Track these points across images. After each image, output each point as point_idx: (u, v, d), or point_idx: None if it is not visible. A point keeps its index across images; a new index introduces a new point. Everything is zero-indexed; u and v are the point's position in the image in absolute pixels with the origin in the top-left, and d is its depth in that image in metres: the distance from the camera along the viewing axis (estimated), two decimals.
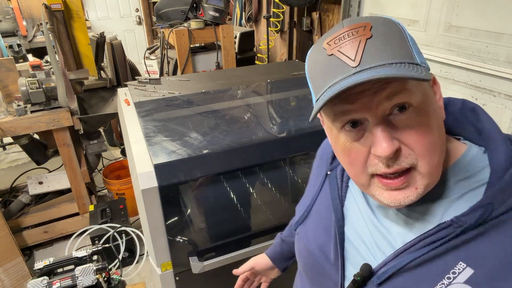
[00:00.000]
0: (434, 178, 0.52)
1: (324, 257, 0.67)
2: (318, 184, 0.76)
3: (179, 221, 1.31)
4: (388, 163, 0.50)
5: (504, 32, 1.69)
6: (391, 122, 0.50)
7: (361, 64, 0.47)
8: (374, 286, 0.57)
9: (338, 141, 0.55)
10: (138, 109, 1.62)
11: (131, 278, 2.28)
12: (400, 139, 0.50)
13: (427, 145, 0.50)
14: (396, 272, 0.54)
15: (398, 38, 0.50)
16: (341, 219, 0.66)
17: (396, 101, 0.49)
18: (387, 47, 0.48)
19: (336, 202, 0.68)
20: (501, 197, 0.49)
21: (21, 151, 3.09)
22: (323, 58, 0.52)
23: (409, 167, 0.51)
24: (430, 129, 0.50)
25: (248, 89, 1.95)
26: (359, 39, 0.49)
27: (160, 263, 1.33)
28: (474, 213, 0.49)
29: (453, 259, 0.50)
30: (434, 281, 0.51)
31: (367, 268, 0.57)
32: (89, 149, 2.54)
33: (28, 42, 2.97)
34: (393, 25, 0.51)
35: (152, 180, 1.19)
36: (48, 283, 1.05)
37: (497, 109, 1.80)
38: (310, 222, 0.74)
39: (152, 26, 5.70)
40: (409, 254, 0.54)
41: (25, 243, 2.44)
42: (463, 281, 0.49)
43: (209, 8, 2.72)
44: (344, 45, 0.49)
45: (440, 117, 0.54)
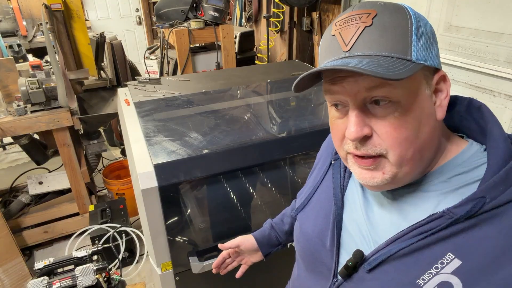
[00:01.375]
0: (406, 170, 0.54)
1: (321, 243, 0.69)
2: (321, 173, 0.77)
3: (179, 221, 1.31)
4: (356, 146, 0.54)
5: (504, 32, 1.69)
6: (369, 110, 0.53)
7: (351, 50, 0.51)
8: (365, 272, 0.59)
9: (330, 113, 0.61)
10: (138, 109, 1.62)
11: (131, 278, 2.28)
12: (374, 128, 0.53)
13: (399, 139, 0.52)
14: (386, 260, 0.56)
15: (400, 30, 0.50)
16: (341, 207, 0.68)
17: (375, 93, 0.51)
18: (381, 38, 0.50)
19: (337, 190, 0.69)
20: (494, 192, 0.50)
21: (21, 151, 3.09)
22: (328, 37, 0.55)
23: (377, 155, 0.54)
24: (406, 125, 0.52)
25: (248, 89, 1.95)
26: (358, 25, 0.51)
27: (160, 263, 1.33)
28: (466, 205, 0.50)
29: (442, 250, 0.52)
30: (422, 270, 0.52)
31: (359, 254, 0.60)
32: (89, 149, 2.54)
33: (28, 42, 2.97)
34: (402, 15, 0.51)
35: (152, 180, 1.19)
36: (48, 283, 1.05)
37: (497, 109, 1.80)
38: (310, 209, 0.76)
39: (152, 26, 5.70)
40: (399, 242, 0.55)
41: (25, 243, 2.44)
42: (450, 272, 0.50)
43: (209, 8, 2.72)
44: (346, 29, 0.52)
45: (433, 116, 0.55)
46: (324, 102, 1.76)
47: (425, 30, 0.52)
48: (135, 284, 1.36)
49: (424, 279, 0.52)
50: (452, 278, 0.50)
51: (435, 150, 0.57)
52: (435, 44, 0.54)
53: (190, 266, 1.33)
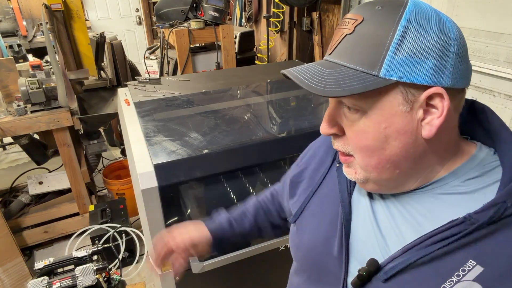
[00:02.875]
0: (375, 176, 0.56)
1: (327, 251, 0.66)
2: (319, 174, 0.74)
3: (179, 221, 1.31)
4: (334, 141, 0.59)
5: (504, 32, 1.69)
6: (344, 112, 0.56)
7: (331, 55, 0.54)
8: (380, 281, 0.56)
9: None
10: (138, 109, 1.62)
11: (131, 278, 2.28)
12: (344, 128, 0.57)
13: (359, 146, 0.55)
14: (404, 269, 0.54)
15: (374, 42, 0.49)
16: (349, 213, 0.65)
17: (343, 100, 0.54)
18: (354, 49, 0.51)
19: (344, 195, 0.66)
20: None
21: (21, 151, 3.09)
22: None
23: (347, 154, 0.58)
24: (366, 135, 0.53)
25: (248, 89, 1.95)
26: (342, 31, 0.53)
27: None
28: (488, 211, 0.49)
29: (463, 257, 0.50)
30: (443, 278, 0.51)
31: (374, 263, 0.57)
32: (89, 149, 2.54)
33: (28, 42, 2.97)
34: (388, 25, 0.49)
35: (152, 180, 1.19)
36: (48, 283, 1.05)
37: (497, 109, 1.80)
38: (310, 215, 0.73)
39: (152, 26, 5.70)
40: (418, 250, 0.53)
41: (25, 243, 2.44)
42: (472, 279, 0.49)
43: (209, 8, 2.72)
44: (337, 31, 0.55)
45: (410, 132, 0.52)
46: (324, 102, 1.76)
47: (416, 43, 0.48)
48: (135, 284, 1.36)
49: (445, 287, 0.50)
50: (474, 285, 0.49)
51: (429, 161, 0.55)
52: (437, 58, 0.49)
53: (190, 266, 1.33)
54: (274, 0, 3.61)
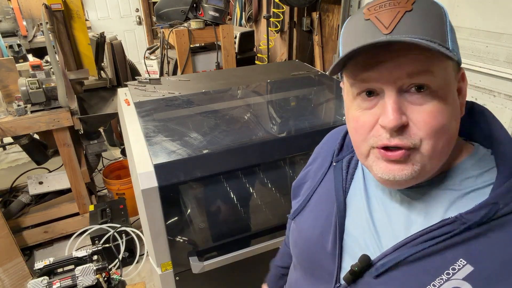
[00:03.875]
0: (434, 164, 0.53)
1: (321, 247, 0.67)
2: (319, 174, 0.75)
3: (179, 221, 1.31)
4: (391, 136, 0.51)
5: (504, 32, 1.69)
6: (406, 99, 0.51)
7: (392, 33, 0.48)
8: (372, 277, 0.57)
9: (351, 106, 0.56)
10: (138, 109, 1.62)
11: (131, 278, 2.28)
12: (410, 117, 0.50)
13: (435, 127, 0.50)
14: (395, 265, 0.55)
15: (438, 19, 0.49)
16: (343, 210, 0.66)
17: (416, 80, 0.49)
18: (424, 23, 0.48)
19: (339, 193, 0.67)
20: (507, 198, 0.50)
21: (21, 151, 3.09)
22: (360, 22, 0.52)
23: (408, 148, 0.51)
24: (443, 114, 0.50)
25: (248, 89, 1.95)
26: (397, 10, 0.49)
27: (160, 263, 1.33)
28: (479, 211, 0.50)
29: (454, 256, 0.51)
30: (433, 276, 0.51)
31: (366, 259, 0.58)
32: (89, 149, 2.54)
33: (28, 42, 2.97)
34: (437, 6, 0.50)
35: (152, 180, 1.19)
36: (48, 283, 1.05)
37: (497, 109, 1.80)
38: (309, 212, 0.74)
39: (152, 26, 5.70)
40: (409, 248, 0.54)
41: (25, 243, 2.44)
42: (461, 278, 0.50)
43: (209, 8, 2.72)
44: (383, 13, 0.50)
45: (459, 112, 0.54)
46: (324, 102, 1.76)
47: (451, 25, 0.52)
48: (135, 284, 1.36)
49: (434, 285, 0.51)
50: (463, 284, 0.49)
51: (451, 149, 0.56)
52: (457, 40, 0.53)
53: (190, 266, 1.33)
54: (274, 0, 3.61)
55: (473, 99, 1.91)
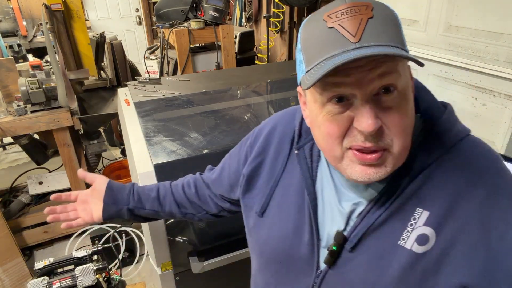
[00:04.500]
0: (402, 160, 0.57)
1: (297, 239, 0.67)
2: (279, 164, 0.73)
3: (179, 221, 1.31)
4: (367, 139, 0.53)
5: (504, 32, 1.69)
6: (376, 103, 0.53)
7: (360, 41, 0.49)
8: (348, 252, 0.61)
9: (320, 113, 0.56)
10: (138, 109, 1.62)
11: (131, 278, 2.28)
12: (382, 119, 0.53)
13: (404, 127, 0.54)
14: (366, 232, 0.59)
15: (394, 24, 0.52)
16: (314, 198, 0.66)
17: (386, 81, 0.51)
18: (385, 30, 0.50)
19: (308, 182, 0.67)
20: (438, 147, 0.57)
21: (21, 151, 3.09)
22: (323, 30, 0.52)
23: (382, 149, 0.54)
24: (408, 114, 0.54)
25: (248, 89, 1.95)
26: (360, 17, 0.50)
27: (160, 263, 1.33)
28: (416, 163, 0.57)
29: (411, 207, 0.57)
30: (400, 231, 0.57)
31: (340, 235, 0.61)
32: (89, 149, 2.54)
33: (28, 42, 2.97)
34: (391, 11, 0.53)
35: (152, 180, 1.19)
36: (48, 283, 1.05)
37: (497, 109, 1.80)
38: (276, 206, 0.72)
39: (152, 26, 5.70)
40: (372, 213, 0.59)
41: (25, 243, 2.44)
42: (423, 224, 0.56)
43: (209, 8, 2.72)
44: (346, 20, 0.50)
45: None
46: None
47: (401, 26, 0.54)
48: (135, 284, 1.36)
49: (403, 239, 0.57)
50: (425, 229, 0.56)
51: None
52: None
53: (190, 266, 1.33)
54: (274, 0, 3.61)
55: (473, 99, 1.91)
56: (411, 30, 2.19)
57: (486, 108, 1.86)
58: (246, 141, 0.84)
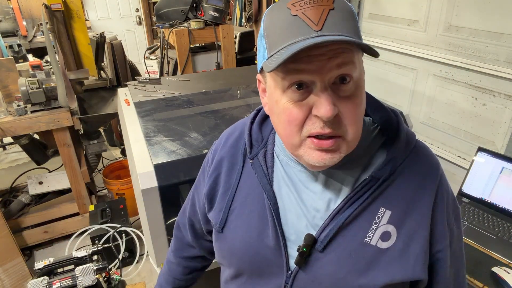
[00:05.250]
0: (353, 147, 0.61)
1: (263, 244, 0.68)
2: (233, 177, 0.74)
3: None
4: (325, 125, 0.56)
5: (504, 32, 1.69)
6: (333, 92, 0.55)
7: (322, 30, 0.52)
8: (318, 252, 0.63)
9: (280, 100, 0.58)
10: (138, 109, 1.62)
11: (131, 278, 2.28)
12: (339, 108, 0.55)
13: (357, 116, 0.57)
14: (335, 233, 0.62)
15: (353, 18, 0.55)
16: (275, 202, 0.68)
17: (343, 71, 0.54)
18: (345, 22, 0.53)
19: (267, 187, 0.68)
20: (400, 152, 0.64)
21: (21, 151, 3.09)
22: (286, 18, 0.54)
23: (337, 136, 0.57)
24: (362, 102, 0.58)
25: (248, 89, 1.95)
26: (322, 8, 0.52)
27: (160, 263, 1.33)
28: (386, 167, 0.62)
29: (376, 207, 0.62)
30: (366, 229, 0.62)
31: (310, 237, 0.63)
32: (89, 149, 2.54)
33: (28, 42, 2.97)
34: (349, 6, 0.56)
35: (152, 180, 1.19)
36: (48, 283, 1.05)
37: (497, 109, 1.80)
38: (236, 217, 0.72)
39: (152, 26, 5.70)
40: (343, 213, 0.62)
41: (25, 243, 2.44)
42: (386, 222, 0.62)
43: (209, 8, 2.72)
44: (309, 10, 0.52)
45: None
46: None
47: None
48: (135, 284, 1.36)
49: (369, 236, 0.62)
50: (388, 227, 0.62)
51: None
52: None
53: None
54: (274, 0, 3.61)
55: (473, 99, 1.91)
56: (411, 30, 2.19)
57: (486, 108, 1.86)
58: (203, 168, 0.87)
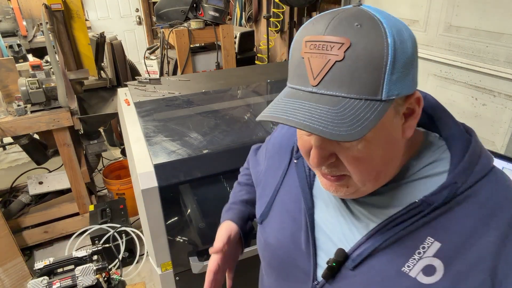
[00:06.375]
0: (370, 187, 0.56)
1: (294, 247, 0.66)
2: (280, 172, 0.74)
3: (179, 221, 1.31)
4: (321, 168, 0.55)
5: (504, 32, 1.69)
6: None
7: (318, 86, 0.48)
8: (349, 270, 0.58)
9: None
10: (138, 109, 1.62)
11: (131, 278, 2.28)
12: (337, 154, 0.52)
13: (362, 169, 0.52)
14: (370, 254, 0.56)
15: (372, 67, 0.46)
16: (311, 207, 0.66)
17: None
18: (351, 77, 0.46)
19: (305, 190, 0.67)
20: (462, 177, 0.54)
21: (21, 151, 3.09)
22: (298, 55, 0.51)
23: (341, 175, 0.54)
24: (369, 158, 0.52)
25: (248, 89, 1.95)
26: (329, 58, 0.47)
27: (160, 263, 1.33)
28: (442, 192, 0.53)
29: (422, 235, 0.54)
30: (406, 258, 0.54)
31: (342, 252, 0.58)
32: (89, 149, 2.54)
33: (28, 42, 2.97)
34: (378, 47, 0.46)
35: (152, 180, 1.19)
36: (48, 283, 1.05)
37: (497, 109, 1.80)
38: (275, 213, 0.73)
39: (152, 26, 5.70)
40: (381, 234, 0.56)
41: (25, 243, 2.44)
42: (432, 255, 0.53)
43: (209, 8, 2.72)
44: (315, 57, 0.48)
45: (398, 138, 0.54)
46: None
47: (403, 57, 0.48)
48: (135, 284, 1.36)
49: (409, 266, 0.54)
50: (434, 261, 0.53)
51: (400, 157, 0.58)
52: (413, 66, 0.50)
53: (190, 266, 1.33)
54: (274, 0, 3.61)
55: (473, 99, 1.91)
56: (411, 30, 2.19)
57: (486, 108, 1.86)
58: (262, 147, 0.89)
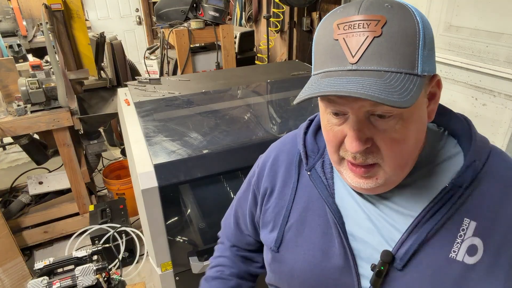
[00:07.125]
0: (400, 175, 0.56)
1: (330, 265, 0.62)
2: (287, 192, 0.70)
3: (179, 221, 1.31)
4: (356, 156, 0.54)
5: (504, 32, 1.69)
6: (371, 122, 0.51)
7: (358, 63, 0.48)
8: (397, 271, 0.56)
9: (323, 118, 0.58)
10: (138, 109, 1.62)
11: (131, 278, 2.28)
12: (374, 138, 0.52)
13: (397, 152, 0.53)
14: (417, 248, 0.55)
15: (408, 41, 0.47)
16: (340, 216, 0.62)
17: (379, 109, 0.49)
18: (391, 51, 0.47)
19: (329, 200, 0.63)
20: (479, 154, 0.57)
21: (21, 151, 3.09)
22: (328, 40, 0.51)
23: (375, 162, 0.54)
24: (405, 139, 0.52)
25: (248, 89, 1.95)
26: (367, 35, 0.47)
27: (160, 263, 1.33)
28: (467, 173, 0.56)
29: (459, 218, 0.55)
30: (451, 244, 0.55)
31: (388, 254, 0.56)
32: (89, 149, 2.54)
33: (28, 42, 2.97)
34: (410, 22, 0.48)
35: (152, 180, 1.19)
36: (48, 283, 1.05)
37: (497, 109, 1.80)
38: (295, 236, 0.67)
39: (152, 26, 5.70)
40: (422, 226, 0.56)
41: (25, 243, 2.44)
42: (471, 235, 0.54)
43: (209, 8, 2.72)
44: (351, 36, 0.48)
45: (425, 121, 0.56)
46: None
47: (429, 37, 0.49)
48: (135, 284, 1.36)
49: (454, 251, 0.55)
50: (474, 240, 0.54)
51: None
52: (434, 48, 0.52)
53: (190, 266, 1.33)
54: (274, 0, 3.61)
55: (473, 99, 1.91)
56: None
57: (486, 108, 1.86)
58: (250, 181, 0.82)
